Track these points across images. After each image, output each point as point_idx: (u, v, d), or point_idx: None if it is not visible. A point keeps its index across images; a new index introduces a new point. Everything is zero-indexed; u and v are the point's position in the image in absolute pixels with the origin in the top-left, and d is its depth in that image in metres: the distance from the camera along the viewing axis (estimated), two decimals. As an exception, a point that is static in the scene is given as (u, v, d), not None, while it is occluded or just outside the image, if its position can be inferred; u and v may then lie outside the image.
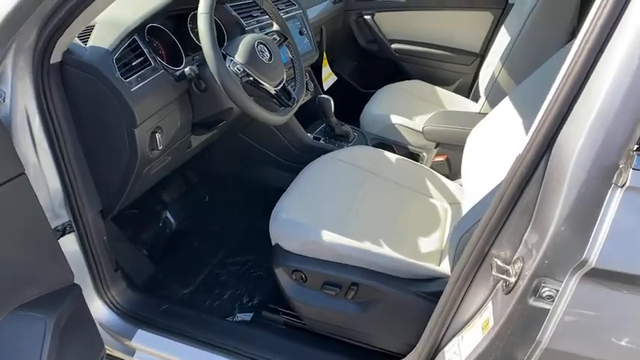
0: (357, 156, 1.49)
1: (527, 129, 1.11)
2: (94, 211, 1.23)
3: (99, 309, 1.29)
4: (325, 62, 2.28)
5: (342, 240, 1.14)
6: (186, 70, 1.20)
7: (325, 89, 2.26)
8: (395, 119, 1.89)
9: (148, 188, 1.42)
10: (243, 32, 1.52)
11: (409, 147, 1.88)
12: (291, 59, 1.49)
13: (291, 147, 1.82)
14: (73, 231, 1.17)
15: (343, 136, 1.85)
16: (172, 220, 1.95)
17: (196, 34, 1.21)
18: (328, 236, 1.14)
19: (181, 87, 1.26)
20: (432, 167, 1.63)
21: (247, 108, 1.20)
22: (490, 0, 2.25)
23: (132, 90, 1.08)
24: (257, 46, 1.28)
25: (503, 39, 1.87)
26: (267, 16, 1.59)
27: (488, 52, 2.02)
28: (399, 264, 1.12)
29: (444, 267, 1.17)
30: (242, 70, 1.23)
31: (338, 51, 2.57)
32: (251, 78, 1.25)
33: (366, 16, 2.47)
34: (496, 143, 1.26)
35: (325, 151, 1.61)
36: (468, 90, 2.39)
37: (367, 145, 1.87)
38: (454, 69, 2.42)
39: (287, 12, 1.80)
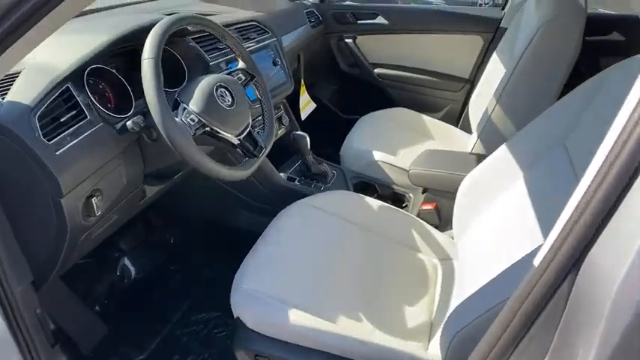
0: (334, 202, 1.33)
1: (536, 201, 0.98)
2: (23, 283, 1.04)
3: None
4: (303, 89, 2.12)
5: (312, 321, 0.97)
6: (129, 123, 1.03)
7: (303, 118, 2.09)
8: (378, 155, 1.73)
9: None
10: (207, 68, 1.36)
11: (394, 187, 1.73)
12: (259, 99, 1.33)
13: (262, 188, 1.65)
14: None
15: (320, 175, 1.69)
16: (131, 268, 1.76)
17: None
18: (296, 316, 0.97)
19: (128, 138, 1.08)
20: (419, 216, 1.48)
21: (199, 164, 1.03)
22: (480, 24, 2.12)
23: (57, 153, 0.90)
24: (216, 90, 1.12)
25: (495, 67, 1.73)
26: (234, 49, 1.43)
27: (479, 79, 1.88)
28: (378, 351, 0.96)
29: (433, 350, 1.01)
30: (197, 120, 1.06)
31: (318, 75, 2.41)
32: (208, 128, 1.08)
33: (347, 40, 2.32)
34: (494, 200, 1.11)
35: (300, 194, 1.46)
36: (457, 118, 2.25)
37: (347, 184, 1.71)
38: (442, 95, 2.28)
39: (259, 41, 1.64)
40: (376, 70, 2.34)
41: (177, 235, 1.84)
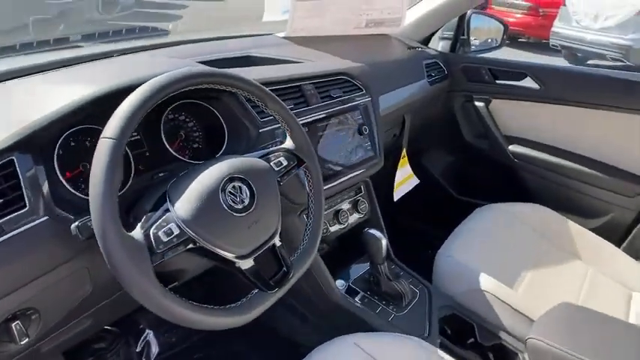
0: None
1: None
2: None
3: None
4: (404, 162, 1.64)
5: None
6: (72, 227, 0.69)
7: (397, 198, 1.61)
8: (488, 282, 1.18)
9: None
10: (252, 138, 0.99)
11: (500, 335, 1.15)
12: (308, 194, 0.91)
13: (311, 297, 1.22)
14: None
15: (392, 296, 1.19)
16: (154, 346, 1.47)
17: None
18: None
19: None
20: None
21: (159, 309, 0.64)
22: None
23: None
24: (225, 185, 0.73)
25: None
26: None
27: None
28: None
29: None
30: (177, 232, 0.68)
31: (430, 142, 1.91)
32: (197, 245, 0.70)
33: (477, 102, 1.78)
34: None
35: (357, 321, 1.06)
36: (622, 235, 1.54)
37: (430, 316, 1.18)
38: (605, 197, 1.59)
39: (344, 101, 1.22)
40: (511, 147, 1.75)
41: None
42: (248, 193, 0.76)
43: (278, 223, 0.80)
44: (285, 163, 0.85)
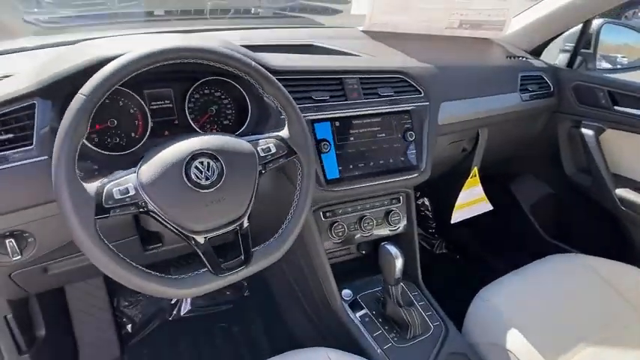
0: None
1: None
2: None
3: None
4: (474, 181, 1.45)
5: None
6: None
7: (455, 221, 1.44)
8: (516, 342, 0.98)
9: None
10: (270, 118, 0.98)
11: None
12: (297, 187, 0.86)
13: (315, 297, 1.16)
14: None
15: (398, 323, 1.07)
16: (186, 303, 1.58)
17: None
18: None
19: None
20: None
21: (96, 261, 0.68)
22: None
23: None
24: (192, 157, 0.73)
25: None
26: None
27: None
28: None
29: None
30: (132, 193, 0.70)
31: (520, 165, 1.66)
32: (150, 212, 0.72)
33: (586, 130, 1.47)
34: None
35: (348, 334, 0.98)
36: None
37: (439, 358, 1.03)
38: None
39: (394, 101, 1.13)
40: (619, 191, 1.41)
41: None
42: (216, 172, 0.75)
43: (245, 208, 0.77)
44: (273, 150, 0.82)
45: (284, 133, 0.85)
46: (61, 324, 1.33)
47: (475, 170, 1.44)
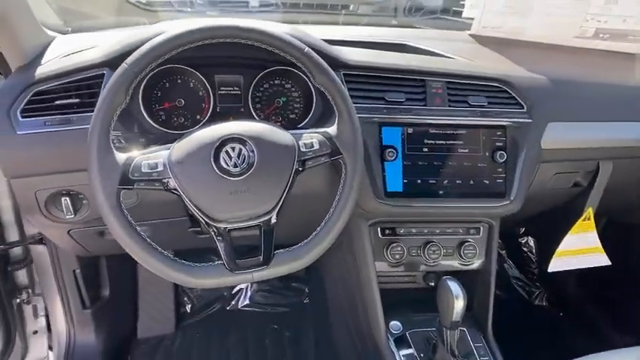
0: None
1: None
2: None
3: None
4: (587, 225, 1.17)
5: None
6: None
7: (553, 269, 1.18)
8: None
9: None
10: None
11: None
12: (338, 194, 0.75)
13: (361, 321, 1.04)
14: None
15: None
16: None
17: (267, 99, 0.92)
18: None
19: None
20: None
21: (111, 229, 0.66)
22: None
23: (19, 133, 0.77)
24: (223, 142, 0.68)
25: None
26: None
27: None
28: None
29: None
30: (160, 169, 0.68)
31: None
32: (173, 190, 0.68)
33: None
34: None
35: None
36: None
37: None
38: None
39: (485, 113, 0.96)
40: None
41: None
42: (247, 160, 0.69)
43: (273, 204, 0.70)
44: (316, 146, 0.73)
45: (332, 129, 0.76)
46: (126, 289, 1.40)
47: (590, 211, 1.16)
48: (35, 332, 1.29)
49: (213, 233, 0.70)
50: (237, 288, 1.55)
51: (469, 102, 0.96)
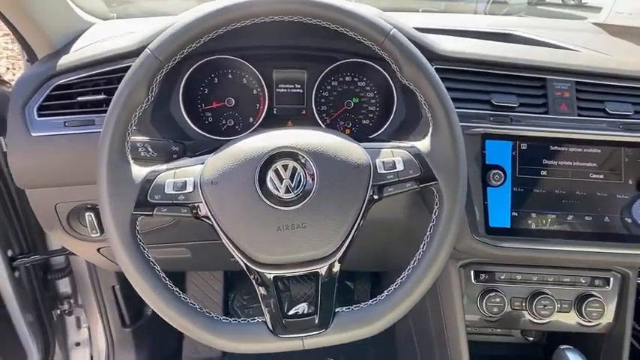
0: None
1: None
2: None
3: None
4: None
5: None
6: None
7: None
8: None
9: None
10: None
11: None
12: (429, 230, 0.54)
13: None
14: None
15: None
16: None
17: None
18: None
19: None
20: None
21: (121, 265, 0.50)
22: None
23: (33, 135, 0.64)
24: (271, 158, 0.50)
25: None
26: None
27: None
28: None
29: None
30: (189, 190, 0.51)
31: None
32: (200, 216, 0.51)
33: None
34: None
35: None
36: None
37: None
38: None
39: (631, 127, 0.70)
40: None
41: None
42: (304, 184, 0.50)
43: (336, 246, 0.50)
44: (399, 167, 0.53)
45: (422, 143, 0.54)
46: None
47: None
48: (77, 344, 1.20)
49: (254, 281, 0.52)
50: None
51: (607, 110, 0.71)
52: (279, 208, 0.49)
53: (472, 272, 0.77)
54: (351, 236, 0.51)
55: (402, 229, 0.77)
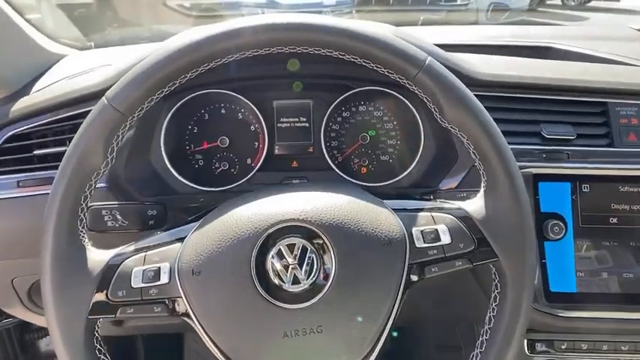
0: None
1: None
2: None
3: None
4: None
5: None
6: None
7: None
8: None
9: None
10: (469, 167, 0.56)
11: None
12: (490, 318, 0.41)
13: None
14: None
15: None
16: None
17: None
18: None
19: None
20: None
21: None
22: None
23: None
24: (273, 238, 0.37)
25: None
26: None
27: None
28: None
29: None
30: (167, 281, 0.38)
31: None
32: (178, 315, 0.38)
33: None
34: None
35: None
36: None
37: None
38: None
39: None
40: None
41: None
42: (319, 270, 0.37)
43: (368, 351, 0.37)
44: (445, 240, 0.39)
45: (473, 205, 0.41)
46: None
47: None
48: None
49: None
50: None
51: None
52: (284, 306, 0.36)
53: (525, 341, 0.63)
54: (383, 338, 0.37)
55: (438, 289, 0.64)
